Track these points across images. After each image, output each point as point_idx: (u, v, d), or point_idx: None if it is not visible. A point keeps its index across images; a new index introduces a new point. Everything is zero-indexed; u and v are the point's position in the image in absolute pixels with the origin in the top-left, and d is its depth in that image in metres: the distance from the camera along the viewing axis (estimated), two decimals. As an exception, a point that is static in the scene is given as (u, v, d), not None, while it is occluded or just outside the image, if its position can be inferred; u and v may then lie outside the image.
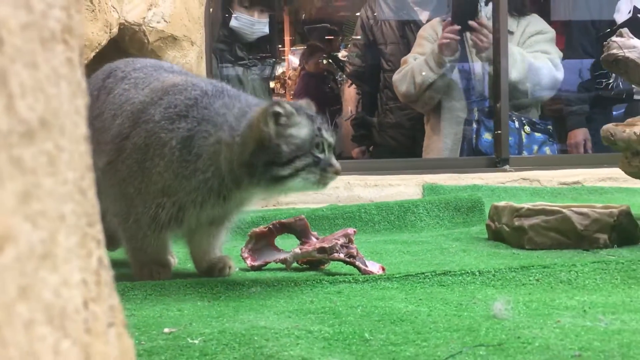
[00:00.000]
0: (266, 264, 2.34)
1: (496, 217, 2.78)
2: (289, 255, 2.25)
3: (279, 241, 2.42)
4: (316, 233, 2.39)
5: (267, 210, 3.51)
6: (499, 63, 4.90)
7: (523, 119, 5.05)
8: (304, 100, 2.16)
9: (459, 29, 4.95)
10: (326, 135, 1.99)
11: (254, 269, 2.32)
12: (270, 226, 2.38)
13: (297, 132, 1.96)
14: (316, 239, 2.33)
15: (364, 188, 4.07)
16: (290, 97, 7.13)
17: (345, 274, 2.12)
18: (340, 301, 1.84)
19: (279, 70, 7.48)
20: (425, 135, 5.33)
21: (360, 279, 2.03)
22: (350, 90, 6.30)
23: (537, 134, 5.09)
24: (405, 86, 5.07)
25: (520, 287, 1.97)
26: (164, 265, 2.18)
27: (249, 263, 2.33)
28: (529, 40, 5.10)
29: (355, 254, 2.18)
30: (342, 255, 2.17)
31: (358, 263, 2.16)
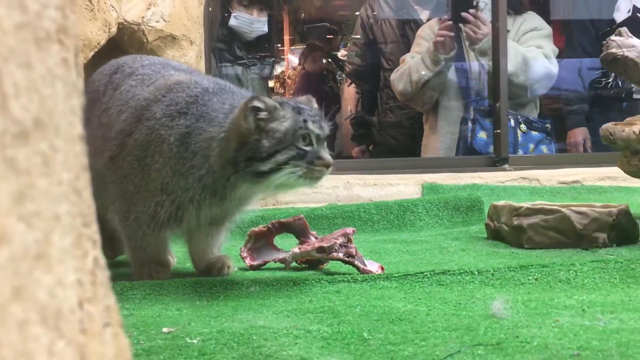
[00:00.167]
0: (265, 263, 2.34)
1: (495, 217, 2.78)
2: (288, 255, 2.25)
3: (278, 241, 2.42)
4: (315, 232, 2.40)
5: (267, 209, 3.51)
6: (498, 62, 4.90)
7: (519, 118, 5.06)
8: (304, 96, 2.15)
9: (453, 25, 4.96)
10: (313, 127, 1.94)
11: (253, 268, 2.32)
12: (270, 225, 2.38)
13: (278, 126, 1.92)
14: (315, 238, 2.33)
15: (363, 187, 4.07)
16: (290, 96, 7.11)
17: (344, 274, 2.13)
18: (339, 300, 1.84)
19: (278, 70, 7.48)
20: (424, 134, 5.34)
21: (359, 279, 2.03)
22: (349, 90, 6.29)
23: (534, 133, 5.10)
24: (402, 84, 5.09)
25: (519, 287, 1.97)
26: (163, 264, 2.18)
27: (247, 262, 2.33)
28: (523, 37, 5.11)
29: (354, 253, 2.17)
30: (341, 255, 2.17)
31: (357, 262, 2.16)
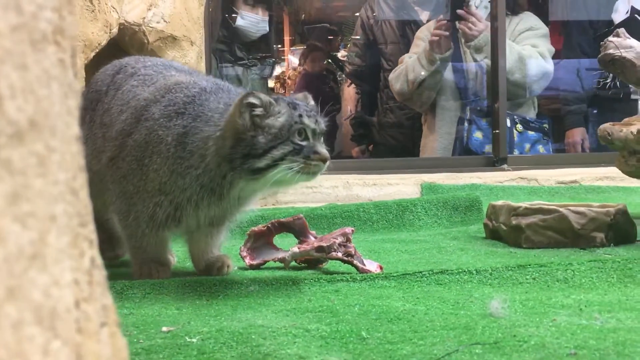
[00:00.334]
0: (264, 262, 2.34)
1: (494, 216, 2.78)
2: (288, 254, 2.25)
3: (277, 240, 2.42)
4: (314, 232, 2.39)
5: (266, 209, 3.50)
6: (497, 63, 4.90)
7: (515, 118, 5.07)
8: (301, 93, 2.15)
9: (450, 25, 4.98)
10: (308, 121, 1.93)
11: (252, 267, 2.32)
12: (269, 225, 2.38)
13: (274, 122, 1.92)
14: (314, 238, 2.32)
15: (363, 187, 4.07)
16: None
17: (343, 273, 2.12)
18: (338, 300, 1.84)
19: (278, 70, 7.48)
20: (422, 134, 5.35)
21: (358, 278, 2.03)
22: (349, 90, 6.29)
23: (531, 132, 5.10)
24: (399, 84, 5.11)
25: (517, 286, 1.96)
26: (163, 264, 2.18)
27: (247, 262, 2.33)
28: (519, 36, 5.12)
29: (353, 252, 2.17)
30: (340, 254, 2.17)
31: (356, 262, 2.16)
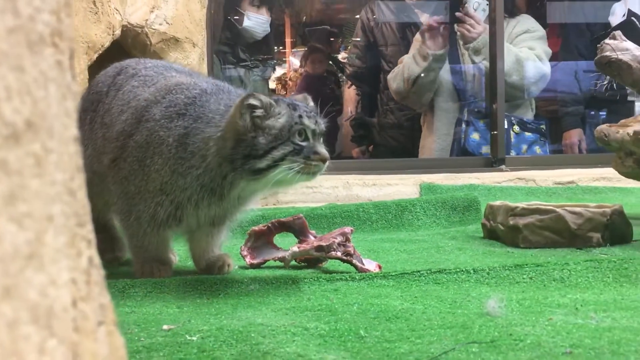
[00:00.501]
0: (265, 261, 2.33)
1: (491, 216, 2.78)
2: (288, 254, 2.25)
3: (277, 239, 2.42)
4: (314, 232, 2.39)
5: (267, 209, 3.50)
6: (495, 65, 4.91)
7: (513, 119, 5.07)
8: (300, 95, 2.15)
9: (440, 18, 5.00)
10: (308, 122, 1.93)
11: (253, 266, 2.32)
12: (270, 225, 2.38)
13: (274, 123, 1.92)
14: (314, 237, 2.32)
15: (363, 187, 4.06)
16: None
17: (342, 272, 2.12)
18: (337, 299, 1.84)
19: (279, 72, 7.49)
20: (421, 135, 5.35)
21: (357, 277, 2.03)
22: (350, 91, 6.29)
23: (528, 134, 5.11)
24: (396, 84, 5.13)
25: (513, 285, 1.96)
26: (164, 263, 2.18)
27: (248, 261, 2.33)
28: (517, 38, 5.13)
29: (352, 252, 2.17)
30: (339, 254, 2.17)
31: (355, 261, 2.15)
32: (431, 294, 1.87)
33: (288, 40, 7.64)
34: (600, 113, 5.58)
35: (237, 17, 5.55)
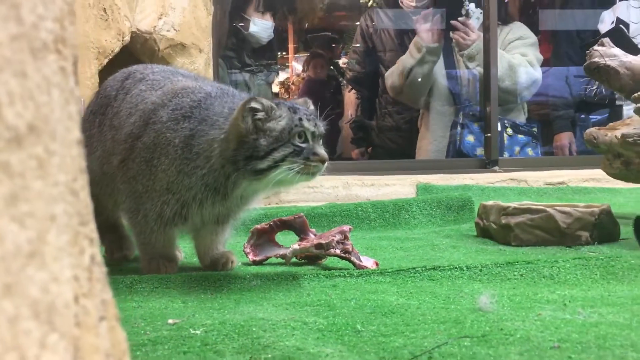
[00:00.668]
0: (267, 258, 2.33)
1: (485, 216, 2.77)
2: (289, 251, 2.25)
3: (279, 237, 2.42)
4: (314, 230, 2.39)
5: (269, 207, 3.50)
6: (489, 70, 4.91)
7: (506, 122, 5.08)
8: (301, 98, 2.15)
9: (432, 11, 5.02)
10: (308, 124, 1.93)
11: (255, 263, 2.32)
12: (271, 223, 2.38)
13: (275, 125, 1.92)
14: (314, 235, 2.32)
15: (362, 187, 4.06)
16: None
17: (340, 269, 2.12)
18: (335, 294, 1.83)
19: (282, 76, 7.48)
20: (418, 136, 5.35)
21: (355, 274, 2.03)
22: (350, 95, 6.28)
23: (520, 136, 5.10)
24: (392, 79, 5.14)
25: (505, 282, 1.96)
26: (170, 259, 2.18)
27: (250, 258, 2.33)
28: (509, 45, 5.13)
29: (351, 249, 2.17)
30: (338, 251, 2.17)
31: (353, 258, 2.15)
32: (426, 290, 1.86)
33: (291, 46, 7.63)
34: (591, 117, 5.59)
35: (243, 24, 5.56)
